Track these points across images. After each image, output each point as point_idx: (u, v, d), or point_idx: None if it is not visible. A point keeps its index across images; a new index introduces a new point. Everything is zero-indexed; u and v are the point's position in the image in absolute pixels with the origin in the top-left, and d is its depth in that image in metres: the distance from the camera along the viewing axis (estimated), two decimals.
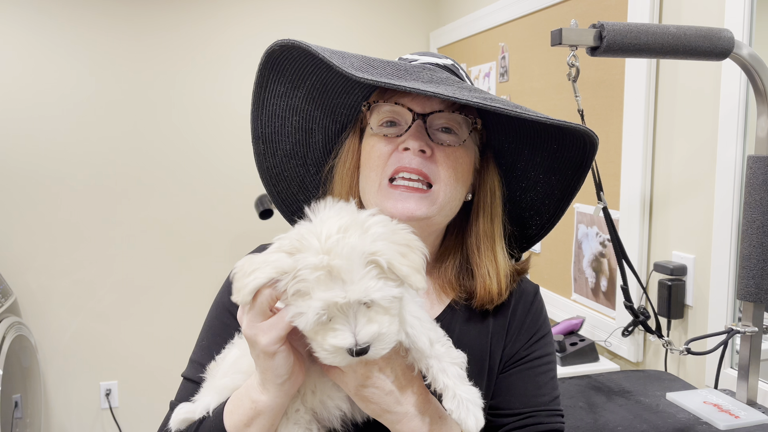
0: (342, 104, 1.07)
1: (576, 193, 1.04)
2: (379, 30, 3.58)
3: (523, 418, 0.96)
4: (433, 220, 0.96)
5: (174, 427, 0.92)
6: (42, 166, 3.20)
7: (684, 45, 1.28)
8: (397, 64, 0.95)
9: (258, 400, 0.82)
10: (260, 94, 1.03)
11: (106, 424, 3.41)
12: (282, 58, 0.98)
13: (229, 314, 1.01)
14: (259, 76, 1.00)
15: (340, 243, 0.74)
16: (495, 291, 0.98)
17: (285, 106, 1.05)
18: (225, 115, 3.42)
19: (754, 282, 1.39)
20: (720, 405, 1.43)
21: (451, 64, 1.04)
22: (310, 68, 1.00)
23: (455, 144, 0.97)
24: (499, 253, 1.01)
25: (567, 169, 1.02)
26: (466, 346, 0.99)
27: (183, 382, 1.00)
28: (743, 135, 1.59)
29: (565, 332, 2.14)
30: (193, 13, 3.34)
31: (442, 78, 0.94)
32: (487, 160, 1.04)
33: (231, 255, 3.48)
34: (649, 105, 1.90)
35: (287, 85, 1.03)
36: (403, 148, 0.94)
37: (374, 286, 0.74)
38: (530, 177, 1.06)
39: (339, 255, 0.73)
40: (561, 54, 2.38)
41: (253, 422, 0.83)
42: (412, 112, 0.95)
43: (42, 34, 3.15)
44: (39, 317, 3.26)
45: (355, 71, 0.88)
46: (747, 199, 1.40)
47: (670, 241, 1.87)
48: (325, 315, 0.73)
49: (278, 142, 1.07)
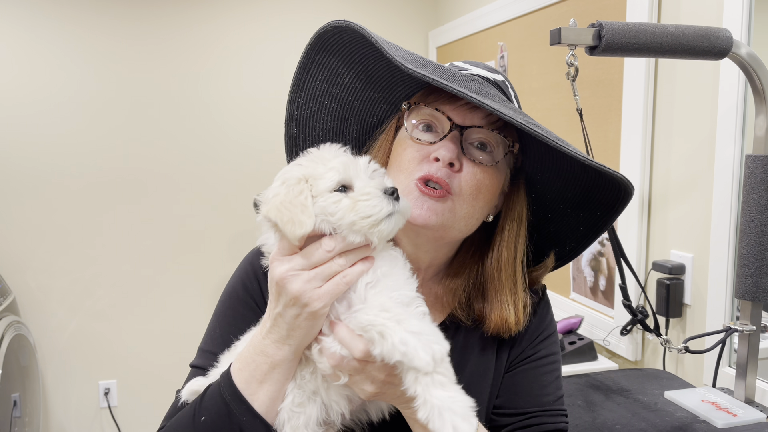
0: (383, 99, 1.05)
1: (600, 234, 1.02)
2: (377, 29, 3.54)
3: (527, 418, 0.96)
4: (445, 233, 0.94)
5: (184, 398, 0.92)
6: (40, 165, 3.20)
7: (682, 44, 1.28)
8: (447, 69, 0.93)
9: (275, 354, 0.83)
10: (302, 76, 1.00)
11: (105, 423, 3.41)
12: (332, 41, 0.96)
13: (243, 304, 1.00)
14: (305, 57, 0.98)
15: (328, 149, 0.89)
16: (512, 321, 0.96)
17: (325, 92, 1.03)
18: (224, 114, 3.42)
19: (752, 281, 1.39)
20: (718, 403, 1.43)
21: (501, 81, 1.01)
22: (358, 56, 0.98)
23: (488, 163, 0.94)
24: (519, 281, 0.98)
25: (596, 209, 1.00)
26: (472, 349, 0.99)
27: (192, 371, 1.00)
28: (741, 134, 1.60)
29: (564, 331, 2.15)
30: (193, 15, 3.33)
31: (489, 93, 0.91)
32: (519, 186, 1.01)
33: (230, 254, 3.48)
34: (647, 104, 1.90)
35: (331, 71, 1.00)
36: (434, 157, 0.92)
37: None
38: (558, 210, 1.03)
39: (331, 151, 0.88)
40: (560, 53, 2.38)
41: (268, 377, 0.84)
42: (451, 121, 0.93)
43: (38, 33, 3.14)
44: (38, 316, 3.25)
45: (408, 65, 0.85)
46: (745, 198, 1.40)
47: (668, 240, 1.87)
48: (342, 180, 0.82)
49: (312, 128, 1.05)
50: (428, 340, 0.74)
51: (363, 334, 0.77)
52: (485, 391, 0.98)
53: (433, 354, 0.73)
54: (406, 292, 0.82)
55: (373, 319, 0.76)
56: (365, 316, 0.77)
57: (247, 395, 0.84)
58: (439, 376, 0.74)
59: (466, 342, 1.00)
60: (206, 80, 3.39)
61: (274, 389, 0.84)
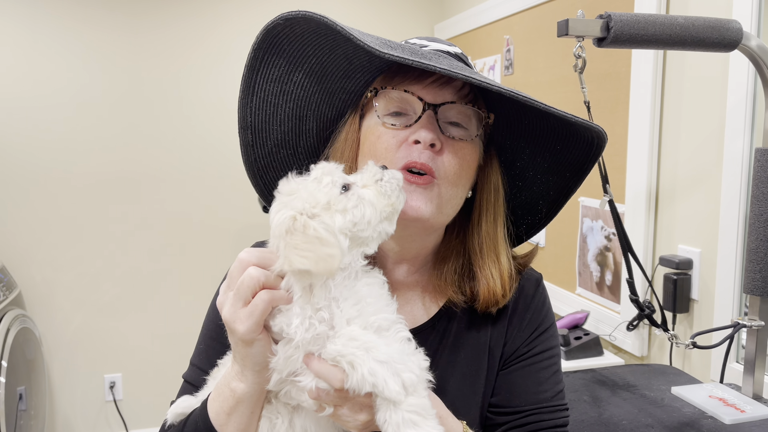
0: (342, 89, 1.00)
1: (570, 196, 1.01)
2: (383, 23, 3.56)
3: (524, 416, 0.94)
4: (435, 221, 0.91)
5: (169, 420, 0.91)
6: (45, 160, 3.20)
7: (692, 36, 1.27)
8: (413, 47, 0.90)
9: (236, 388, 0.81)
10: (252, 79, 0.94)
11: (110, 416, 3.43)
12: (281, 37, 0.90)
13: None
14: (252, 57, 0.92)
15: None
16: (499, 293, 0.94)
17: (278, 92, 0.97)
18: (226, 109, 3.41)
19: (761, 276, 1.37)
20: (725, 399, 1.42)
21: (460, 53, 0.99)
22: (311, 49, 0.93)
23: (466, 138, 0.91)
24: (502, 253, 0.97)
25: (565, 171, 0.99)
26: (464, 346, 0.97)
27: (183, 384, 0.99)
28: (751, 127, 1.58)
29: (570, 326, 2.14)
30: (192, 7, 3.33)
31: (458, 66, 0.86)
32: (491, 157, 0.99)
33: (234, 248, 3.47)
34: (655, 97, 1.89)
35: (283, 68, 0.94)
36: (413, 140, 0.88)
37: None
38: (527, 177, 1.02)
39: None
40: (566, 47, 2.37)
41: (234, 411, 0.82)
42: (422, 101, 0.89)
43: (40, 31, 3.14)
44: (43, 310, 3.27)
45: (382, 49, 0.81)
46: (754, 192, 1.39)
47: (675, 235, 1.86)
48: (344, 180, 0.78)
49: (268, 131, 0.99)
50: (397, 369, 0.71)
51: (336, 365, 0.74)
52: (479, 391, 0.96)
53: (403, 383, 0.71)
54: (387, 315, 0.78)
55: (341, 349, 0.73)
56: (334, 347, 0.73)
57: (217, 426, 0.83)
58: (411, 415, 0.71)
59: (458, 339, 0.98)
60: (210, 75, 3.38)
61: (241, 422, 0.82)
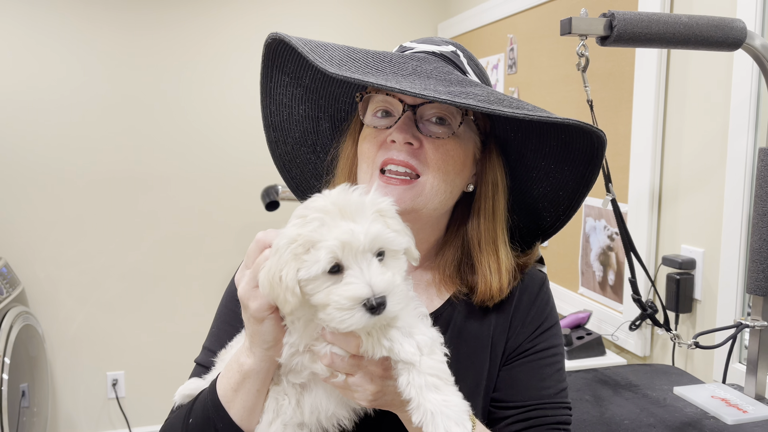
0: (343, 93, 1.07)
1: (591, 185, 1.00)
2: (386, 22, 3.55)
3: (528, 410, 0.95)
4: (421, 212, 0.94)
5: (177, 401, 0.94)
6: (49, 158, 3.21)
7: (696, 35, 1.26)
8: (381, 55, 0.93)
9: (244, 363, 0.84)
10: (266, 84, 1.04)
11: (113, 413, 3.43)
12: (281, 49, 0.99)
13: (237, 303, 1.01)
14: (263, 67, 1.01)
15: (345, 195, 0.75)
16: (496, 288, 0.96)
17: (291, 96, 1.05)
18: (229, 108, 3.41)
19: (764, 276, 1.37)
20: (728, 399, 1.42)
21: (450, 51, 1.01)
22: (304, 60, 1.00)
23: (444, 136, 0.94)
24: (500, 247, 0.98)
25: (578, 161, 0.99)
26: (467, 339, 0.98)
27: (195, 367, 1.03)
28: (754, 127, 1.58)
29: (572, 326, 2.13)
30: (195, 8, 3.33)
31: (427, 70, 0.91)
32: (490, 150, 1.00)
33: (237, 246, 3.48)
34: (658, 96, 1.88)
35: (290, 75, 1.03)
36: (390, 140, 0.93)
37: (387, 229, 0.73)
38: (541, 167, 1.02)
39: (347, 202, 0.73)
40: (569, 46, 2.36)
41: (241, 387, 0.85)
42: (403, 103, 0.93)
43: (42, 30, 3.14)
44: (46, 307, 3.27)
45: (330, 66, 0.86)
46: (758, 191, 1.38)
47: (678, 235, 1.85)
48: (335, 259, 0.70)
49: (288, 130, 1.08)
50: (411, 332, 0.74)
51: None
52: (481, 383, 0.97)
53: (417, 344, 0.74)
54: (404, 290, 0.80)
55: None
56: None
57: (224, 403, 0.86)
58: (433, 378, 0.73)
59: (461, 332, 0.99)
60: (213, 75, 3.38)
61: (247, 399, 0.85)
